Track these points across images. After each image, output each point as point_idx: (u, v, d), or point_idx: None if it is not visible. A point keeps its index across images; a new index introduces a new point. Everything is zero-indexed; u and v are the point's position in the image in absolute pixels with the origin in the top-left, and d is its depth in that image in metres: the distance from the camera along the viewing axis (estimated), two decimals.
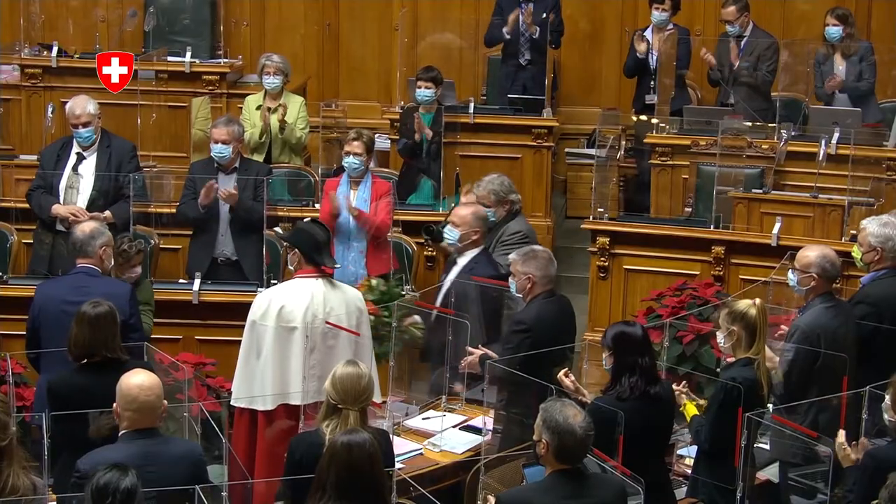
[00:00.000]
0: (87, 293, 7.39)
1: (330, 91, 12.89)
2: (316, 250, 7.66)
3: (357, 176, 9.45)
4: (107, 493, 5.20)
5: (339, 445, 5.57)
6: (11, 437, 5.54)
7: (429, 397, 8.26)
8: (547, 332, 7.71)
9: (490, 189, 9.03)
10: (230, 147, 9.42)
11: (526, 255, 7.93)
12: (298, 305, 7.48)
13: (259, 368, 7.51)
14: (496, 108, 11.70)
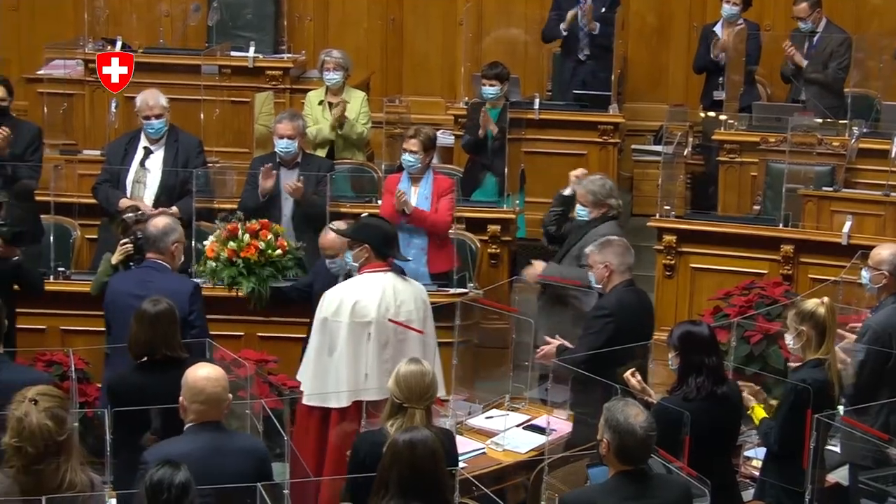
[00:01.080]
0: (150, 288, 7.49)
1: (393, 86, 12.92)
2: (386, 244, 7.70)
3: (415, 173, 9.46)
4: (161, 489, 5.23)
5: (401, 444, 5.59)
6: (69, 433, 5.58)
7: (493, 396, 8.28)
8: (628, 318, 7.73)
9: (590, 189, 8.87)
10: (295, 142, 9.49)
11: (602, 245, 7.95)
12: (372, 300, 7.51)
13: (333, 365, 7.54)
14: (562, 104, 11.68)
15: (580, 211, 8.89)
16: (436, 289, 9.13)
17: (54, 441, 5.47)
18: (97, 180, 9.56)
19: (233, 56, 11.67)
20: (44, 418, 5.46)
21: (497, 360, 8.62)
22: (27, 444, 5.45)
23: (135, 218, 8.54)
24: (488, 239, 10.23)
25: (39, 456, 5.46)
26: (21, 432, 5.45)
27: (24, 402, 5.50)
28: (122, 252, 8.32)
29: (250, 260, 8.41)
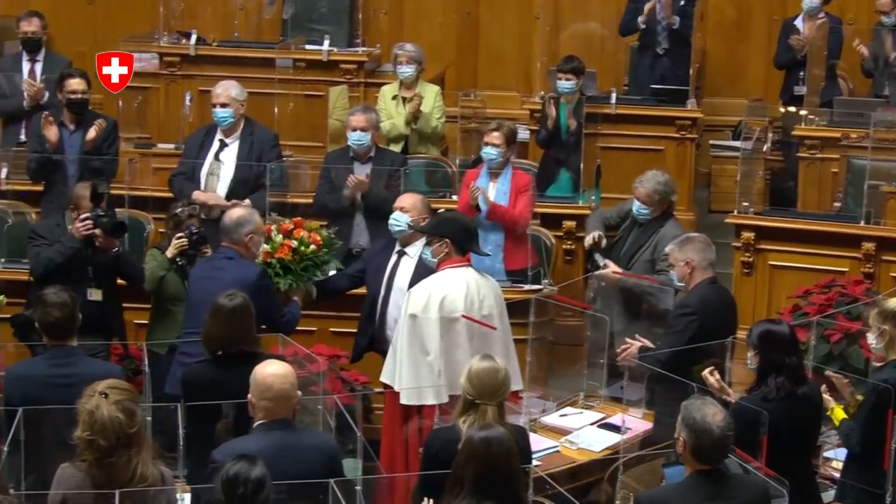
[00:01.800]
0: (218, 275, 7.65)
1: (468, 80, 12.89)
2: (467, 239, 7.70)
3: (496, 168, 9.43)
4: (237, 484, 5.25)
5: (476, 441, 5.57)
6: (140, 426, 5.61)
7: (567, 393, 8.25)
8: (711, 316, 7.69)
9: (654, 188, 8.84)
10: (368, 134, 9.48)
11: (682, 242, 7.93)
12: (459, 295, 7.50)
13: (427, 361, 7.53)
14: (638, 99, 11.61)
15: (641, 209, 8.85)
16: (510, 285, 9.11)
17: (125, 433, 5.50)
18: (173, 172, 9.62)
19: (307, 49, 11.69)
20: (115, 411, 5.49)
21: (571, 357, 8.60)
22: (99, 437, 5.48)
23: (187, 212, 8.60)
24: (563, 235, 10.19)
25: (111, 448, 5.48)
26: (93, 425, 5.48)
27: (95, 395, 5.53)
28: (176, 246, 8.40)
29: (285, 260, 8.40)
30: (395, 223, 8.33)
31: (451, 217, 7.93)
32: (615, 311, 8.63)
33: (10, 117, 10.69)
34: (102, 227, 8.28)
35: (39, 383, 6.63)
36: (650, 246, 8.84)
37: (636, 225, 9.00)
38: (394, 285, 8.23)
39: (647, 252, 8.83)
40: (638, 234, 8.93)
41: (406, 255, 8.30)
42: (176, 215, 8.59)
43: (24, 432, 6.11)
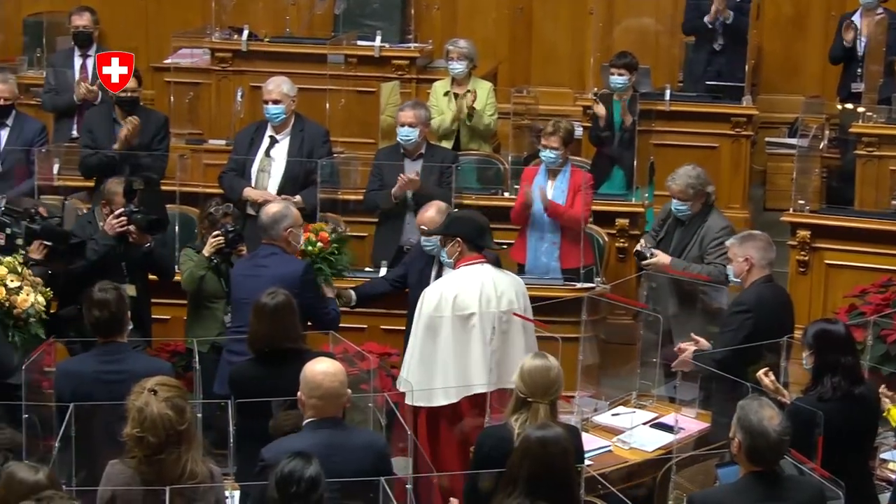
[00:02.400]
0: (263, 273, 7.69)
1: (521, 77, 12.87)
2: (478, 235, 7.69)
3: (555, 167, 9.42)
4: (291, 482, 5.25)
5: (532, 440, 5.56)
6: (189, 423, 5.63)
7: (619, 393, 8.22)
8: (767, 315, 7.65)
9: (687, 183, 8.83)
10: (416, 130, 9.48)
11: (744, 238, 7.90)
12: (472, 292, 7.50)
13: (440, 361, 7.53)
14: (693, 96, 11.57)
15: (679, 206, 8.82)
16: (562, 283, 9.10)
17: (175, 430, 5.52)
18: (224, 169, 9.66)
19: (359, 45, 11.71)
20: (164, 408, 5.51)
21: (624, 355, 8.57)
22: (149, 434, 5.50)
23: (223, 211, 8.64)
24: (616, 233, 10.16)
25: (161, 445, 5.51)
26: (142, 422, 5.51)
27: (144, 392, 5.56)
28: (213, 245, 8.43)
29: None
30: (426, 244, 8.35)
31: (461, 216, 7.93)
32: (669, 309, 8.59)
33: (61, 113, 10.75)
34: (137, 224, 8.33)
35: (89, 379, 6.68)
36: (696, 241, 8.80)
37: (679, 224, 8.95)
38: None
39: (695, 248, 8.79)
40: (683, 233, 8.88)
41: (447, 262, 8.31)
42: (211, 214, 8.63)
43: (75, 428, 6.14)
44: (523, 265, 9.30)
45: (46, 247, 8.03)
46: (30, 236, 8.03)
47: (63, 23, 11.60)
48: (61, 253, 8.12)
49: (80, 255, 8.24)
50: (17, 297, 7.57)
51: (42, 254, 8.03)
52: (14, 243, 8.05)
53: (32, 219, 8.12)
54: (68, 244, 8.17)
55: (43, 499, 4.88)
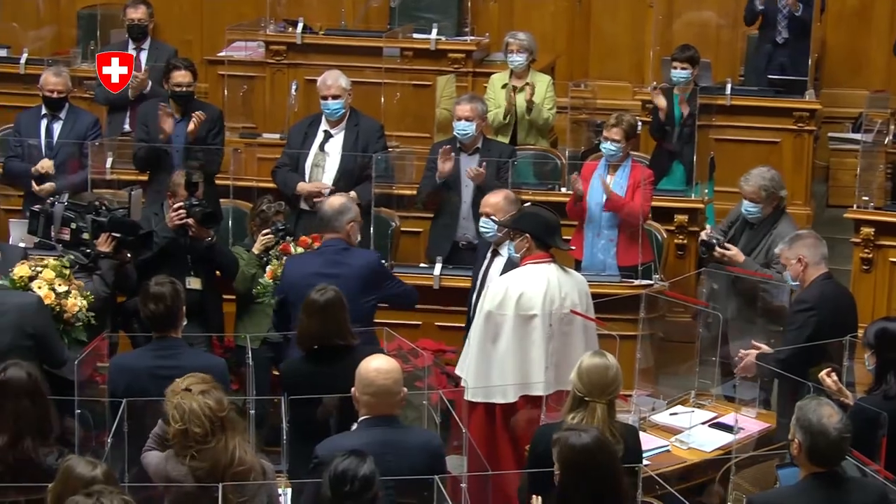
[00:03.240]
0: (341, 265, 7.71)
1: (579, 70, 12.85)
2: (548, 233, 7.66)
3: (615, 161, 9.40)
4: (345, 480, 5.27)
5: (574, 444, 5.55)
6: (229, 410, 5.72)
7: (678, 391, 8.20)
8: (831, 311, 7.63)
9: (760, 184, 8.75)
10: (473, 124, 9.47)
11: (791, 240, 7.88)
12: (537, 292, 7.48)
13: (497, 359, 7.53)
14: (754, 90, 11.51)
15: (750, 208, 8.76)
16: (620, 280, 9.08)
17: (217, 417, 5.63)
18: (277, 163, 9.69)
19: (415, 38, 11.72)
20: (201, 399, 5.64)
21: (682, 354, 8.54)
22: (192, 425, 5.60)
23: (274, 209, 8.67)
24: (675, 229, 10.13)
25: (206, 434, 5.60)
26: (183, 415, 5.62)
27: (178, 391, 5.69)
28: (263, 243, 8.47)
29: None
30: (484, 229, 8.34)
31: (531, 211, 7.88)
32: (729, 307, 8.56)
33: (115, 106, 10.83)
34: (194, 217, 8.38)
35: (144, 375, 6.72)
36: (764, 247, 8.72)
37: (748, 226, 8.90)
38: (487, 284, 8.22)
39: (761, 255, 8.71)
40: (750, 236, 8.83)
41: (499, 255, 8.30)
42: (263, 212, 8.67)
43: (128, 424, 6.18)
44: (579, 261, 9.28)
45: (114, 238, 8.09)
46: (97, 229, 8.09)
47: (117, 15, 11.68)
48: (130, 244, 8.17)
49: (148, 246, 8.30)
50: (66, 301, 7.64)
51: (111, 246, 8.09)
52: (80, 238, 8.12)
53: (98, 212, 8.18)
54: (138, 234, 8.22)
55: (93, 493, 4.92)
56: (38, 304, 7.35)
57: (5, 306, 7.25)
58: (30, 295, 7.49)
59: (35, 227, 8.35)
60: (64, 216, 8.20)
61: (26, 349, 7.06)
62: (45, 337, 7.26)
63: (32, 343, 7.17)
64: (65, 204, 8.30)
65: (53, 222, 8.26)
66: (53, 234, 8.20)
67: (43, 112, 9.89)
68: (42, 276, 7.67)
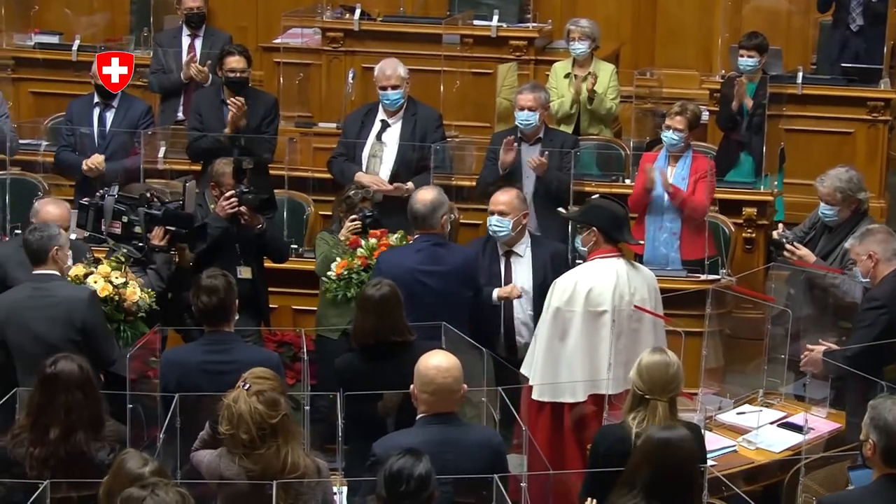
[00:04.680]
0: (440, 261, 7.82)
1: (644, 58, 12.80)
2: (616, 227, 7.65)
3: (676, 152, 9.37)
4: (400, 480, 5.28)
5: (654, 441, 5.55)
6: (283, 415, 5.69)
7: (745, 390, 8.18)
8: None
9: (836, 186, 8.65)
10: (536, 114, 9.47)
11: (862, 235, 7.84)
12: (606, 287, 7.47)
13: (566, 357, 7.53)
14: (827, 79, 11.44)
15: (826, 211, 8.67)
16: (685, 275, 9.06)
17: (267, 424, 5.61)
18: (333, 154, 9.72)
19: (475, 25, 11.71)
20: (254, 402, 5.61)
21: (750, 351, 8.51)
22: (239, 431, 5.60)
23: (361, 195, 8.67)
24: (743, 222, 10.08)
25: (254, 441, 5.60)
26: (231, 419, 5.63)
27: (238, 388, 5.68)
28: (350, 230, 8.46)
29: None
30: (497, 227, 8.30)
31: (599, 204, 7.86)
32: (800, 304, 8.51)
33: (168, 94, 10.90)
34: (249, 205, 8.39)
35: (195, 370, 6.78)
36: (840, 253, 8.60)
37: (826, 229, 8.81)
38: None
39: (837, 261, 8.62)
40: (827, 240, 8.73)
41: (516, 255, 8.26)
42: (349, 198, 8.67)
43: (180, 420, 6.22)
44: (640, 256, 9.25)
45: (168, 232, 8.13)
46: (150, 223, 8.13)
47: (170, 1, 11.75)
48: (184, 237, 8.21)
49: (202, 239, 8.34)
50: (125, 290, 7.70)
51: (165, 239, 8.13)
52: (132, 231, 8.17)
53: (150, 205, 8.22)
54: (193, 227, 8.26)
55: (148, 485, 4.97)
56: (90, 299, 7.42)
57: (56, 299, 7.33)
58: (83, 289, 7.56)
59: (84, 220, 8.40)
60: (115, 209, 8.26)
61: (76, 344, 7.16)
62: (94, 333, 7.33)
63: (82, 338, 7.25)
64: (115, 196, 8.35)
65: (104, 216, 8.31)
66: (104, 228, 8.26)
67: (95, 100, 9.97)
68: (98, 271, 7.74)
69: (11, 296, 7.48)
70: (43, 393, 6.03)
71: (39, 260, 7.46)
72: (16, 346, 7.27)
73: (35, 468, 5.90)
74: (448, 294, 7.46)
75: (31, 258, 7.49)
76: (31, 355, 6.99)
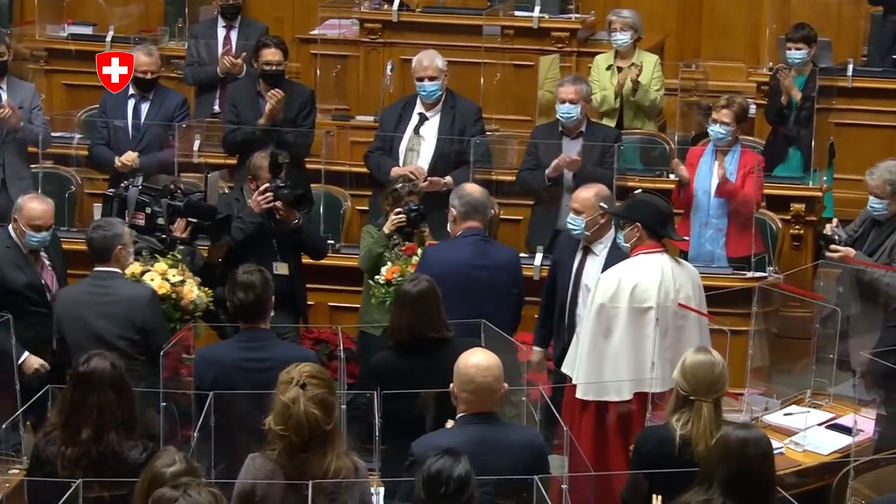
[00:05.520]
0: (488, 256, 7.86)
1: (690, 50, 12.77)
2: (660, 222, 7.63)
3: (723, 146, 9.34)
4: (440, 481, 5.27)
5: (732, 440, 5.54)
6: (336, 421, 5.68)
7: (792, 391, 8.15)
8: None
9: (885, 179, 8.61)
10: (578, 107, 9.45)
11: None
12: (651, 284, 7.46)
13: (610, 355, 7.52)
14: (878, 71, 11.41)
15: (874, 204, 8.64)
16: (731, 272, 9.04)
17: (322, 430, 5.57)
18: (369, 148, 9.72)
19: (516, 16, 11.71)
20: (312, 406, 5.54)
21: (798, 351, 8.48)
22: (293, 434, 5.56)
23: (408, 189, 8.65)
24: (791, 219, 10.06)
25: (304, 445, 5.57)
26: (287, 419, 5.55)
27: (293, 385, 5.60)
28: (394, 223, 8.45)
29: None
30: (572, 226, 8.26)
31: (642, 199, 7.84)
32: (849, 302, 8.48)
33: (204, 86, 10.93)
34: (284, 199, 8.41)
35: (230, 367, 6.79)
36: (888, 247, 8.58)
37: (875, 224, 8.77)
38: (581, 285, 8.18)
39: (884, 255, 8.58)
40: (876, 234, 8.70)
41: (592, 253, 8.25)
42: (395, 191, 8.66)
43: (215, 418, 6.23)
44: (685, 252, 9.23)
45: (190, 224, 8.15)
46: (173, 214, 8.16)
47: None
48: (207, 230, 8.23)
49: (226, 231, 8.36)
50: (182, 288, 7.74)
51: (187, 232, 8.16)
52: (155, 223, 8.21)
53: (173, 196, 8.25)
54: (215, 219, 8.28)
55: (180, 485, 4.97)
56: (151, 298, 7.51)
57: (116, 297, 7.43)
58: (143, 287, 7.64)
59: (109, 211, 8.46)
60: (139, 200, 8.31)
61: (133, 343, 7.25)
62: (154, 333, 7.43)
63: (140, 337, 7.31)
64: (139, 188, 8.39)
65: (128, 207, 8.36)
66: (127, 219, 8.30)
67: (130, 92, 10.00)
68: (155, 269, 7.79)
69: (71, 292, 7.63)
70: (76, 391, 6.05)
71: (103, 258, 7.56)
72: (73, 342, 7.40)
73: (67, 468, 5.91)
74: (497, 289, 7.46)
75: (95, 256, 7.59)
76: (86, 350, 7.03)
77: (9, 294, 7.96)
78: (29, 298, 8.01)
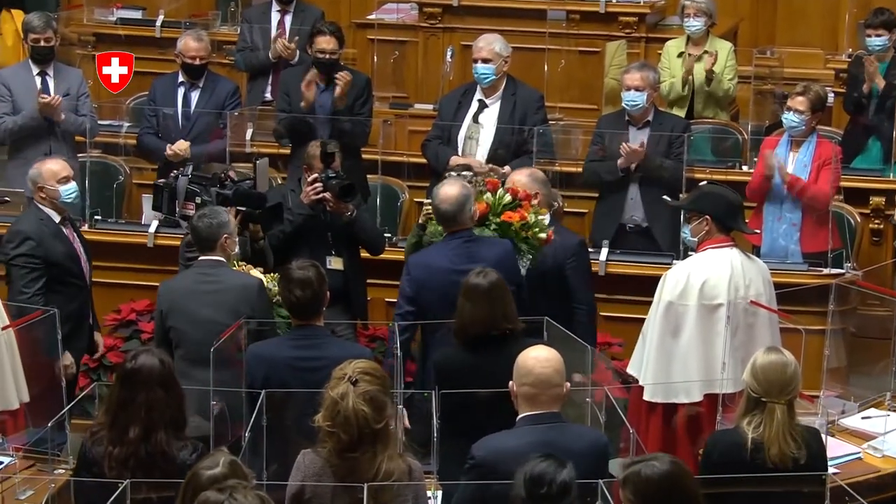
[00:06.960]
0: (475, 257, 7.64)
1: (764, 36, 12.73)
2: (730, 215, 7.62)
3: (798, 136, 9.29)
4: (542, 484, 5.26)
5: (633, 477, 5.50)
6: (388, 420, 5.68)
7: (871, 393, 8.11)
8: None
9: None
10: (644, 95, 9.41)
11: None
12: (721, 279, 7.45)
13: (679, 355, 7.51)
14: None
15: None
16: (806, 269, 8.99)
17: (371, 429, 5.58)
18: (427, 136, 9.72)
19: (583, 0, 11.69)
20: (361, 403, 5.56)
21: (877, 351, 8.44)
22: (340, 431, 5.58)
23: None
24: (870, 213, 10.01)
25: (353, 443, 5.58)
26: (335, 416, 5.58)
27: (344, 380, 5.63)
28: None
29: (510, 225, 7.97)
30: None
31: (711, 191, 7.83)
32: None
33: (255, 72, 10.97)
34: (331, 190, 8.39)
35: (283, 365, 6.81)
36: None
37: None
38: None
39: None
40: None
41: None
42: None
43: (267, 418, 6.25)
44: (757, 247, 9.19)
45: (240, 212, 8.18)
46: (222, 203, 8.19)
47: None
48: (257, 218, 8.25)
49: (278, 219, 8.37)
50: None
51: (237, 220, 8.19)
52: None
53: (223, 184, 8.27)
54: (265, 207, 8.30)
55: (225, 488, 4.97)
56: (260, 286, 7.57)
57: (225, 285, 7.49)
58: (251, 277, 7.69)
59: (160, 202, 8.51)
60: (188, 190, 8.34)
61: None
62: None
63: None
64: (189, 177, 8.43)
65: (177, 197, 8.40)
66: (178, 210, 8.33)
67: (180, 79, 10.06)
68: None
69: (177, 283, 7.67)
70: (123, 389, 6.05)
71: (208, 247, 7.61)
72: (180, 332, 7.44)
73: (114, 468, 5.93)
74: None
75: (199, 245, 7.63)
76: (196, 341, 7.19)
77: (52, 266, 8.08)
78: (69, 269, 8.16)
